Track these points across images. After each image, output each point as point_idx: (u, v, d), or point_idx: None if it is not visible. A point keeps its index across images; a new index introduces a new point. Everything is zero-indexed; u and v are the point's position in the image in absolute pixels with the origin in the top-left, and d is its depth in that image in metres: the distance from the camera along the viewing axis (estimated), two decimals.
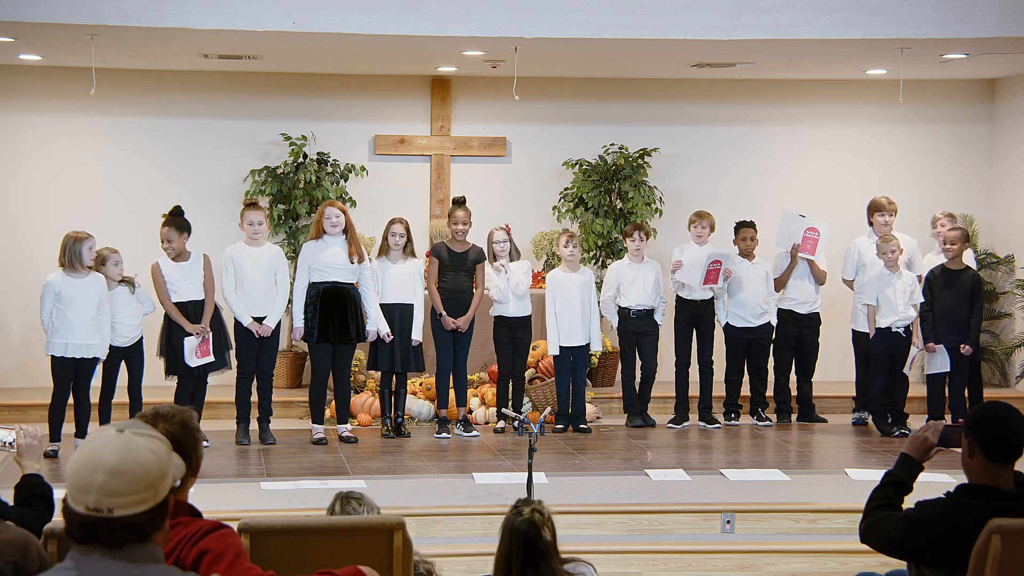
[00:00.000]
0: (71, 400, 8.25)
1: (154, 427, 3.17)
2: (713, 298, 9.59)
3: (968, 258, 9.73)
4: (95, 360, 8.24)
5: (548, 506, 3.82)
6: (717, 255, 9.43)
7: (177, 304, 8.41)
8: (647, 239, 9.70)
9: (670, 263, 9.68)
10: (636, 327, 9.48)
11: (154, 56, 9.91)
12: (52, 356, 8.16)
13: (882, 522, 3.90)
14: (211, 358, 8.45)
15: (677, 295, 9.64)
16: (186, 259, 8.50)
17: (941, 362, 9.13)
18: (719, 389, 9.76)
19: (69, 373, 8.17)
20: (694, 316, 9.58)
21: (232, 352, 8.67)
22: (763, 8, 8.85)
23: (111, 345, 8.34)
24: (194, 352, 8.37)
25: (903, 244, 9.37)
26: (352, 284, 8.70)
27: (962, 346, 9.15)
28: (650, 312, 9.50)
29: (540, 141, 11.32)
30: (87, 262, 8.11)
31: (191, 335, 8.38)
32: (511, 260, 9.19)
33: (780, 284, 9.72)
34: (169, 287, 8.41)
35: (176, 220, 8.47)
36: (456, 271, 9.09)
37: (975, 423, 3.81)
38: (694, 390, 9.66)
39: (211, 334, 8.46)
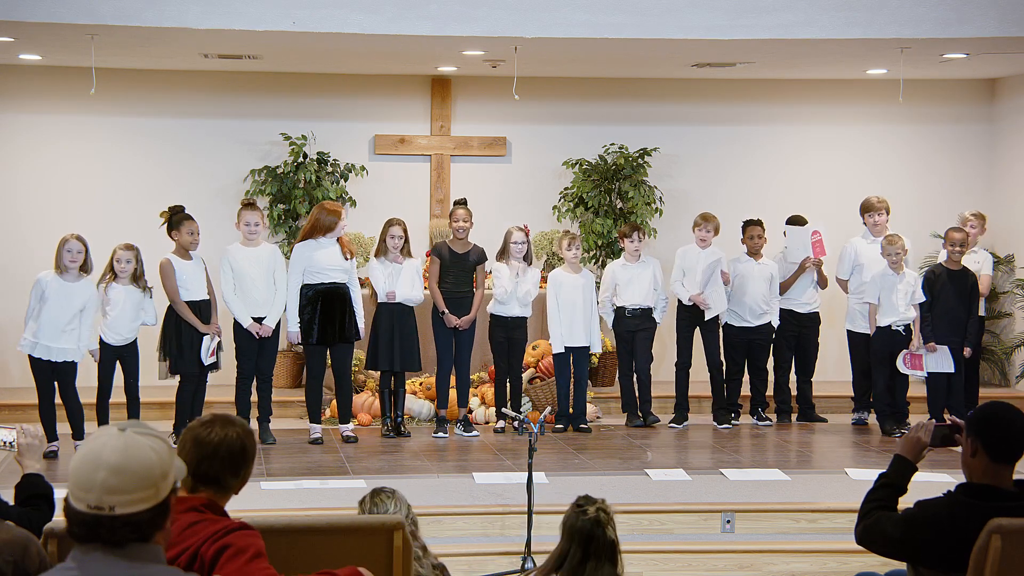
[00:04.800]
0: (59, 401, 8.24)
1: (224, 430, 3.24)
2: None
3: (987, 263, 9.76)
4: (71, 364, 8.21)
5: (611, 505, 3.81)
6: (717, 254, 9.43)
7: (187, 303, 8.41)
8: (643, 239, 9.69)
9: (671, 264, 9.65)
10: (631, 326, 9.47)
11: (154, 56, 9.91)
12: (29, 356, 8.16)
13: (880, 523, 3.90)
14: (216, 359, 8.46)
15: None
16: (191, 259, 8.50)
17: (942, 362, 9.12)
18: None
19: (46, 373, 8.15)
20: (696, 317, 9.55)
21: (222, 352, 8.67)
22: (763, 8, 8.85)
23: (107, 344, 8.33)
24: (209, 351, 8.39)
25: None
26: (346, 283, 8.71)
27: (964, 349, 9.16)
28: (647, 311, 9.49)
29: (540, 141, 11.32)
30: (66, 264, 8.08)
31: (206, 335, 8.37)
32: (524, 261, 9.16)
33: (784, 288, 9.70)
34: (180, 286, 8.40)
35: (191, 216, 8.48)
36: (457, 271, 9.09)
37: (979, 423, 3.81)
38: (694, 390, 9.65)
39: (219, 337, 8.47)
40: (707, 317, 9.45)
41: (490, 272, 9.47)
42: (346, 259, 8.68)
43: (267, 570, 3.06)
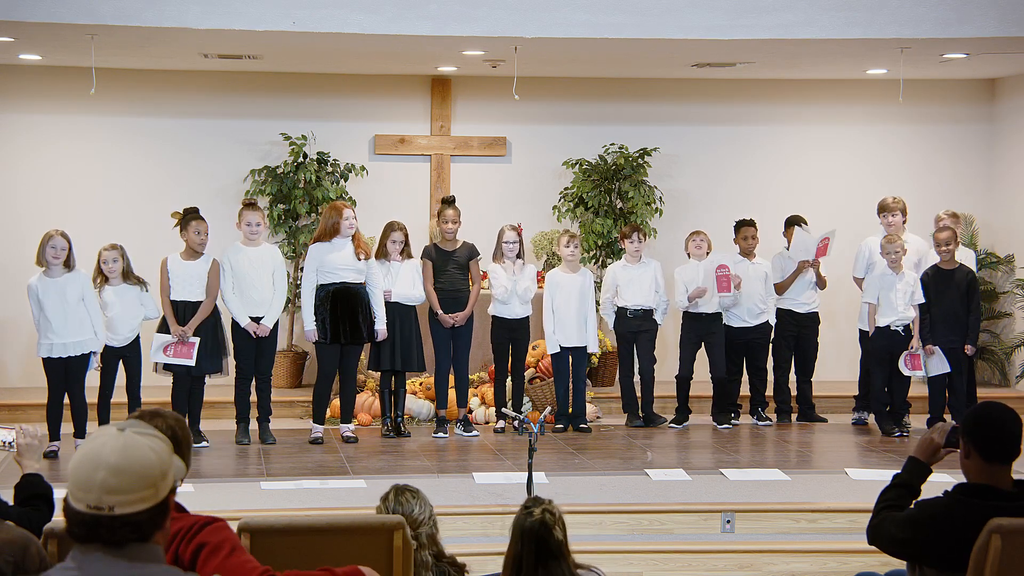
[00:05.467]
0: (67, 400, 8.24)
1: (152, 422, 3.23)
2: (721, 312, 9.52)
3: (969, 259, 9.74)
4: (86, 356, 8.20)
5: (558, 505, 3.82)
6: (719, 260, 9.42)
7: (175, 302, 8.41)
8: (644, 240, 9.69)
9: (670, 273, 9.63)
10: (633, 327, 9.47)
11: (154, 56, 9.91)
12: (43, 358, 8.15)
13: (885, 523, 3.92)
14: (189, 361, 8.34)
15: (684, 311, 9.59)
16: (198, 258, 8.51)
17: (939, 364, 9.13)
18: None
19: (59, 372, 8.15)
20: (702, 331, 9.52)
21: (229, 357, 8.66)
22: (763, 8, 8.85)
23: (109, 346, 8.32)
24: (162, 348, 8.33)
25: (914, 246, 9.38)
26: (361, 283, 8.71)
27: (966, 347, 9.16)
28: (649, 312, 9.49)
29: (540, 141, 11.32)
30: (48, 259, 8.07)
31: (167, 334, 8.35)
32: (518, 259, 9.17)
33: (782, 289, 9.70)
34: (172, 285, 8.41)
35: (202, 216, 8.51)
36: (449, 270, 9.09)
37: (971, 424, 3.83)
38: (694, 391, 9.64)
39: (197, 340, 8.40)
40: (707, 297, 9.40)
41: (486, 272, 9.47)
42: (359, 259, 8.67)
43: (249, 562, 3.07)
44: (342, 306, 8.60)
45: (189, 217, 8.51)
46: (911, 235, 9.54)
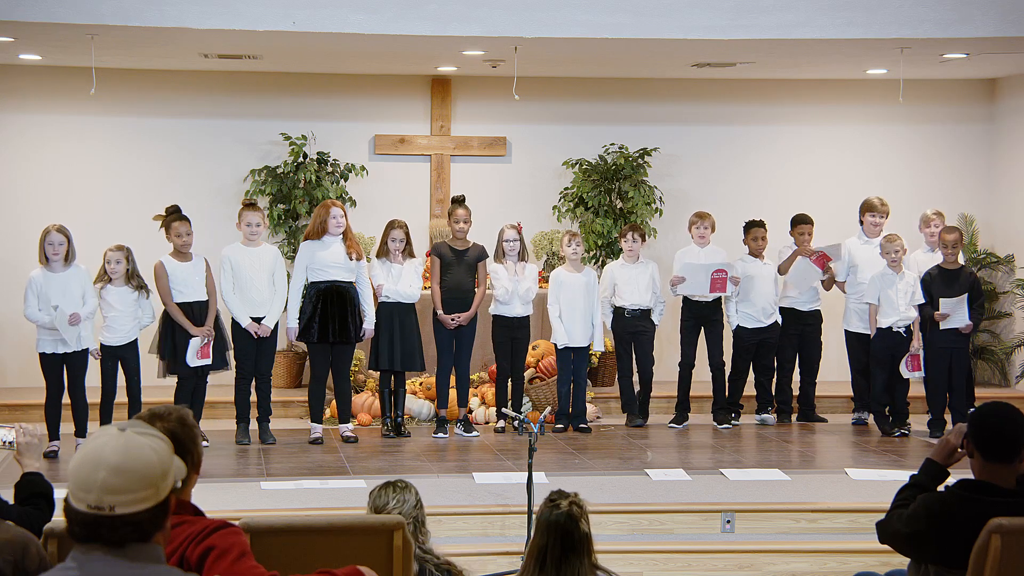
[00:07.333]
0: (67, 399, 8.24)
1: (152, 427, 3.19)
2: (720, 299, 9.54)
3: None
4: (84, 353, 8.21)
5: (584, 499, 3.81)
6: (721, 264, 9.39)
7: (181, 304, 8.41)
8: (643, 240, 9.67)
9: (671, 265, 9.65)
10: (631, 327, 9.46)
11: (154, 56, 9.91)
12: (41, 353, 8.14)
13: (892, 521, 3.95)
14: (210, 360, 8.46)
15: (684, 297, 9.60)
16: (189, 259, 8.51)
17: (959, 316, 9.03)
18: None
19: (58, 369, 8.15)
20: (701, 317, 9.54)
21: (231, 352, 8.68)
22: (763, 8, 8.85)
23: (105, 345, 8.33)
24: (196, 353, 8.37)
25: None
26: (351, 283, 8.72)
27: (966, 325, 9.08)
28: (646, 312, 9.49)
29: (540, 141, 11.32)
30: (48, 256, 8.07)
31: (194, 337, 8.37)
32: (520, 260, 9.18)
33: (782, 271, 9.69)
34: (173, 287, 8.41)
35: (184, 216, 8.50)
36: (458, 269, 9.09)
37: (973, 423, 3.87)
38: (694, 391, 9.64)
39: (211, 337, 8.46)
40: (678, 291, 9.43)
41: (488, 273, 9.47)
42: (351, 259, 8.67)
43: (256, 568, 3.06)
44: (332, 305, 8.61)
45: (170, 219, 8.50)
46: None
